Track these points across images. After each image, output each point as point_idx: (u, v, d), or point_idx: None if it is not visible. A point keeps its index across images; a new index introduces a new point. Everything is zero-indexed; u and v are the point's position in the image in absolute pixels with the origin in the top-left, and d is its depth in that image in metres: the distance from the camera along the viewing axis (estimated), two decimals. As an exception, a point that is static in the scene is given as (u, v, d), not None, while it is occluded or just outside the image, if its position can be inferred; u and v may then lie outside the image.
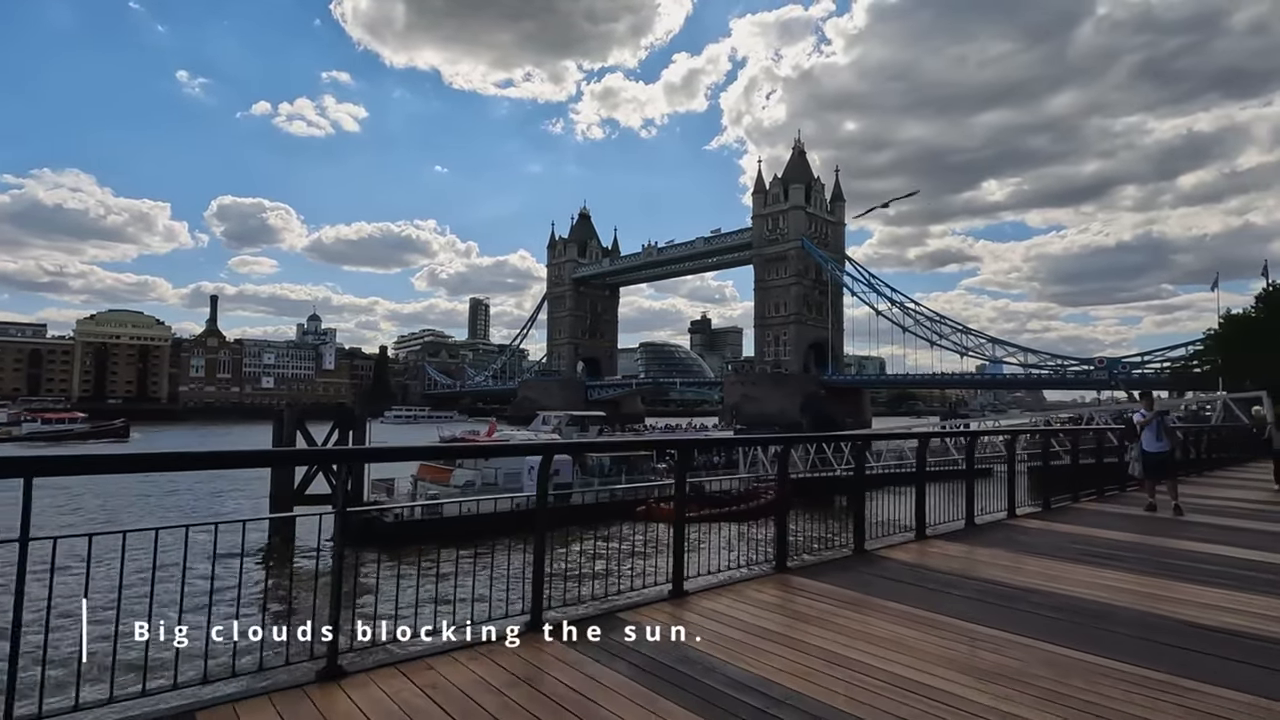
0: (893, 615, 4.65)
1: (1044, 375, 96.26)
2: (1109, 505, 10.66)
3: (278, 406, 31.63)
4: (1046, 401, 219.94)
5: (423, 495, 28.97)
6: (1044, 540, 7.52)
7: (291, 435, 26.55)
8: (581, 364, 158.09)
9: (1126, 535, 8.06)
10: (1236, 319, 50.07)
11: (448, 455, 29.94)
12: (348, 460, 28.84)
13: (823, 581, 5.45)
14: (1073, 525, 8.62)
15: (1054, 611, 4.87)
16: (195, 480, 42.92)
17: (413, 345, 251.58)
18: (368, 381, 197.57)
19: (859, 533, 6.66)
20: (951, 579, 5.68)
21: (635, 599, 4.83)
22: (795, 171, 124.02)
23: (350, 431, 27.75)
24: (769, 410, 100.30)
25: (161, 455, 3.68)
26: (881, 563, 6.27)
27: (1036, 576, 5.88)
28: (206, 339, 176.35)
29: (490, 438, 37.25)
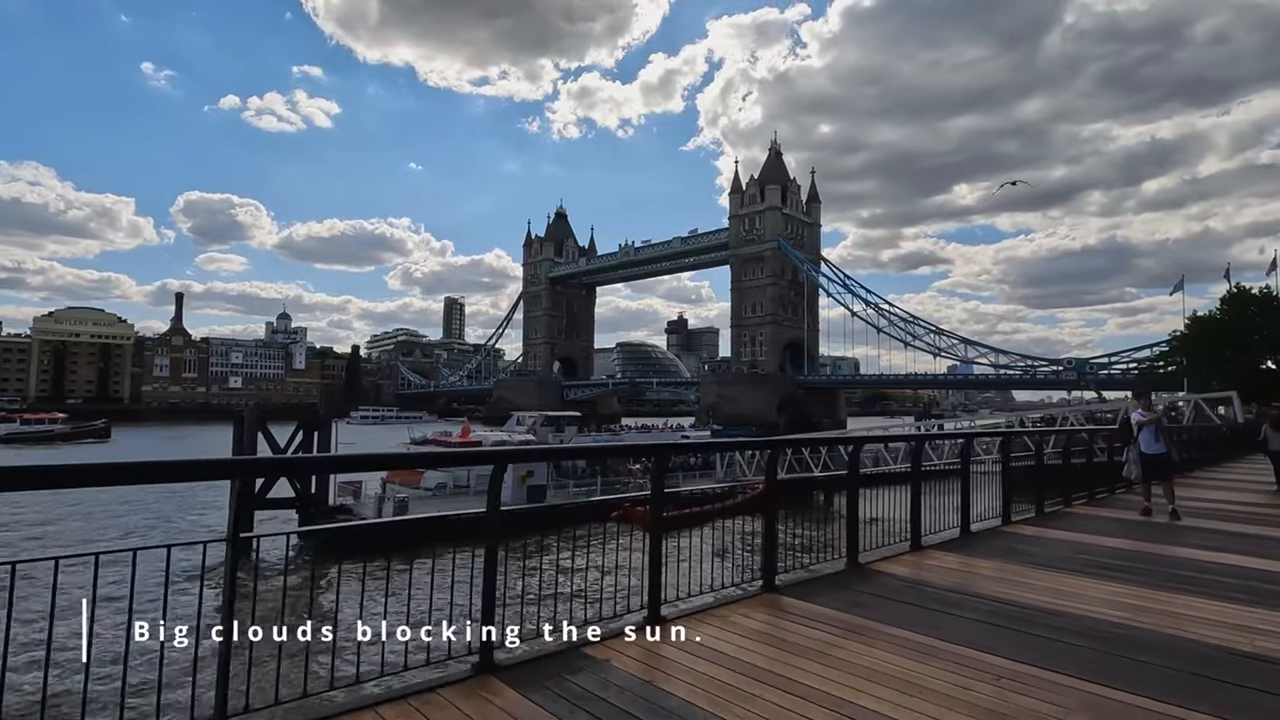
0: (899, 645, 4.08)
1: (1015, 376, 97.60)
2: (1103, 509, 10.28)
3: (237, 408, 30.48)
4: (1015, 401, 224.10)
5: (392, 498, 28.01)
6: (1045, 550, 7.05)
7: (252, 438, 25.46)
8: (558, 364, 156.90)
9: (1129, 543, 7.63)
10: (1202, 320, 50.90)
11: (422, 464, 28.64)
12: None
13: (817, 603, 4.88)
14: (1071, 532, 8.17)
15: (1074, 637, 4.35)
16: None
17: (386, 345, 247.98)
18: (340, 381, 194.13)
19: (853, 543, 6.11)
20: (957, 597, 5.14)
21: (605, 630, 4.20)
22: (772, 172, 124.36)
23: (315, 433, 26.70)
24: (745, 410, 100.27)
25: (134, 466, 2.95)
26: (878, 578, 5.71)
27: (1046, 593, 5.38)
28: (171, 338, 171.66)
29: (463, 439, 36.37)
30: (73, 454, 61.10)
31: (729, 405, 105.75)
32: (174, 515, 31.98)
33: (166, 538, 25.60)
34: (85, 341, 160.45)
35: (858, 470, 6.20)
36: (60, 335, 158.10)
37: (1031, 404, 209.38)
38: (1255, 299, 48.96)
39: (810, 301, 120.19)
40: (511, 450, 4.42)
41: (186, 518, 31.37)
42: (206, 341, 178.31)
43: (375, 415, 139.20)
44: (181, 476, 3.45)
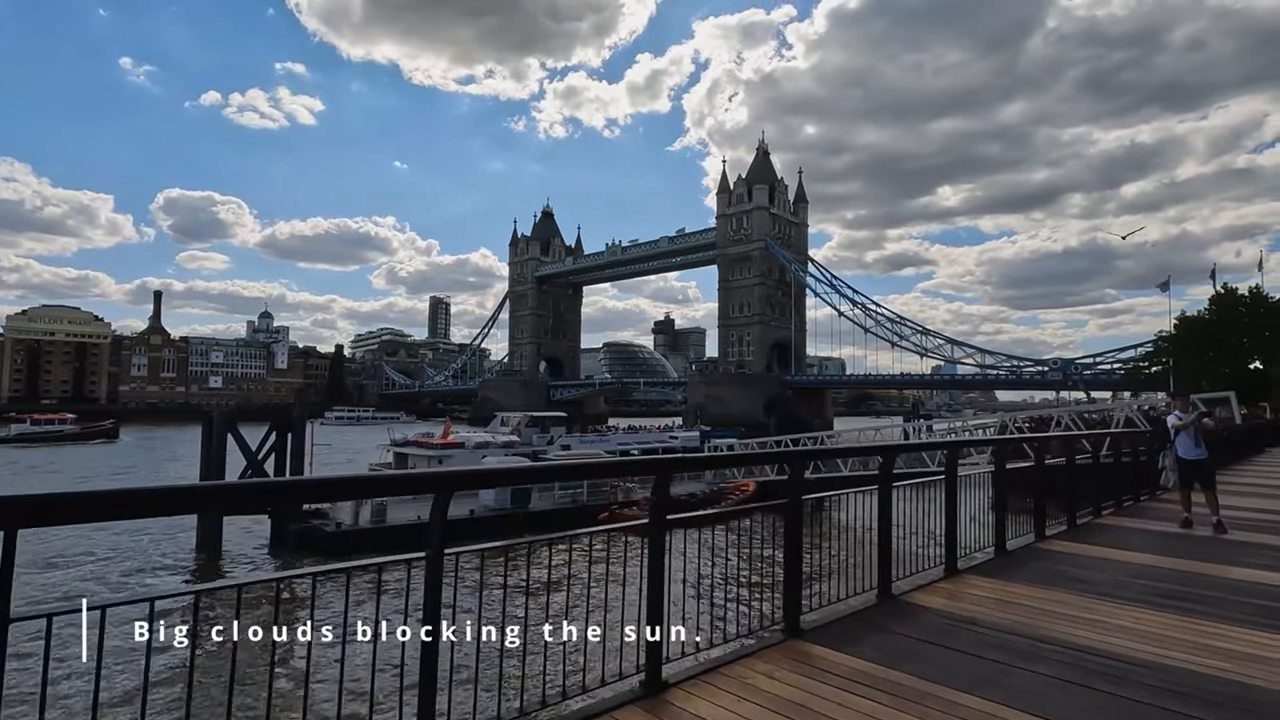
0: (968, 717, 3.19)
1: (1001, 376, 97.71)
2: (1138, 520, 9.40)
3: (207, 408, 29.17)
4: (999, 401, 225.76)
5: (371, 501, 26.83)
6: (1098, 574, 6.16)
7: (222, 439, 24.24)
8: (544, 364, 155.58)
9: (1186, 563, 6.74)
10: (1191, 320, 50.75)
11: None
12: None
13: (854, 653, 3.96)
14: (1115, 549, 7.28)
15: (1181, 701, 3.46)
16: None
17: (370, 344, 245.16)
18: (323, 381, 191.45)
19: (885, 571, 5.22)
20: (1023, 644, 4.24)
21: (589, 704, 3.27)
22: (759, 172, 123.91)
23: (289, 435, 25.51)
24: (733, 411, 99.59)
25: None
26: (919, 616, 4.80)
27: (1121, 634, 4.50)
28: (149, 336, 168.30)
29: (445, 440, 35.28)
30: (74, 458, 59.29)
31: (716, 405, 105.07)
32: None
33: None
34: (60, 340, 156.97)
35: (890, 484, 5.29)
36: (34, 334, 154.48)
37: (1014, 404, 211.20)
38: (1243, 299, 48.85)
39: (798, 301, 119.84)
40: (460, 473, 3.40)
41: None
42: (186, 341, 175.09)
43: (351, 416, 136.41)
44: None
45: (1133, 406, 36.62)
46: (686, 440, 45.14)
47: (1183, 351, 49.54)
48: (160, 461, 56.60)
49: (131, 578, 20.99)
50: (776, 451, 5.11)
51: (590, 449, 37.74)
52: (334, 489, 3.50)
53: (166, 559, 23.34)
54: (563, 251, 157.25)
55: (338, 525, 24.64)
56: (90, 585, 20.10)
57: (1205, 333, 48.46)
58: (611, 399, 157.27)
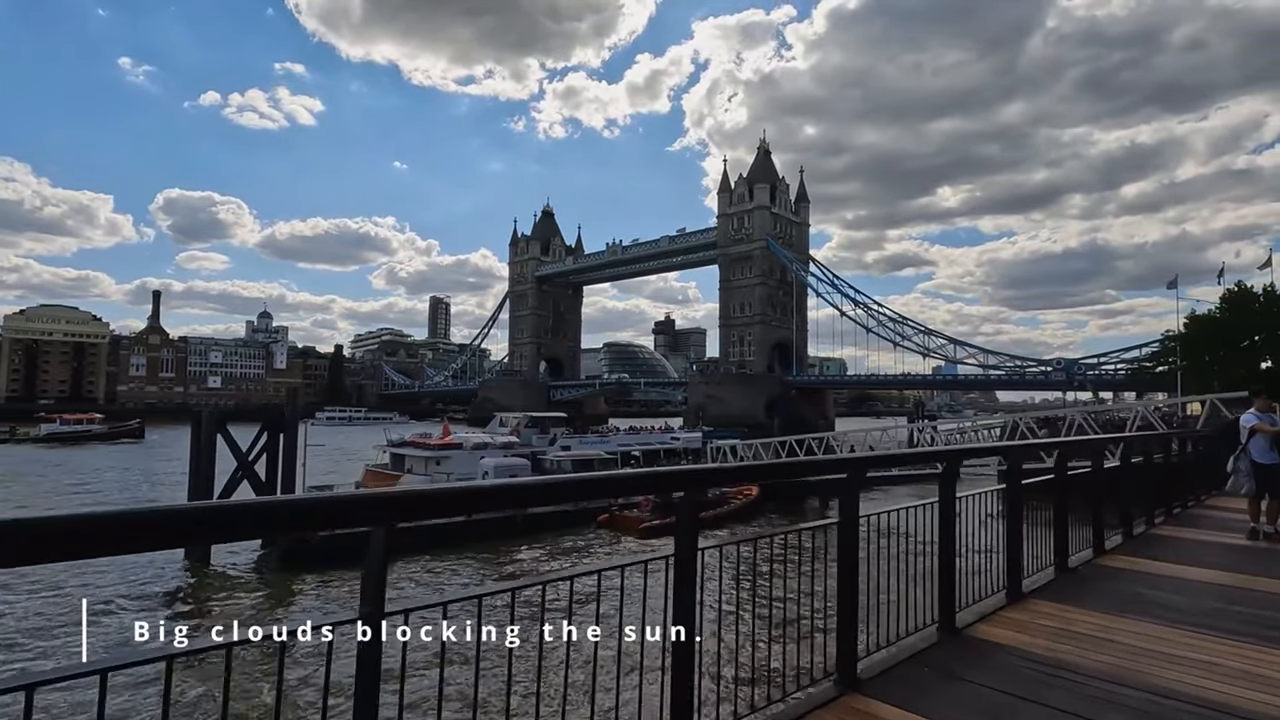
0: None
1: (1003, 376, 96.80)
2: (1197, 530, 8.55)
3: (197, 407, 28.08)
4: (1000, 402, 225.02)
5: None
6: (1179, 597, 5.35)
7: (210, 440, 23.44)
8: (544, 364, 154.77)
9: (1270, 582, 5.93)
10: (1201, 319, 49.90)
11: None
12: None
13: (920, 713, 3.16)
14: (1188, 566, 6.44)
15: None
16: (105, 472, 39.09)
17: (370, 344, 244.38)
18: (323, 381, 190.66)
19: (948, 601, 4.44)
20: (1131, 696, 3.43)
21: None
22: (760, 171, 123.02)
23: (280, 435, 24.71)
24: (734, 411, 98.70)
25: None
26: (992, 656, 3.99)
27: (1244, 680, 3.69)
28: (148, 336, 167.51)
29: (444, 440, 34.49)
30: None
31: (717, 405, 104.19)
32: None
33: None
34: (58, 340, 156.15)
35: (954, 494, 4.48)
36: (32, 334, 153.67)
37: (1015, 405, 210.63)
38: (1257, 297, 48.04)
39: (799, 301, 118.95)
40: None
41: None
42: (184, 340, 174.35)
43: (343, 416, 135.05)
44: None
45: (1149, 406, 35.84)
46: (688, 441, 44.32)
47: (1193, 350, 48.71)
48: (156, 461, 55.88)
49: (124, 586, 20.18)
50: (841, 458, 4.26)
51: (591, 450, 36.94)
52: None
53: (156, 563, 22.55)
54: (563, 251, 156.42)
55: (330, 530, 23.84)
56: (79, 589, 19.30)
57: (1216, 331, 47.64)
58: (612, 399, 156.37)
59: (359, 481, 32.83)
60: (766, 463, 4.75)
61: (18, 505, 31.93)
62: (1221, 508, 9.36)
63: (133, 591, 19.64)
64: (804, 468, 4.95)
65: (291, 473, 24.28)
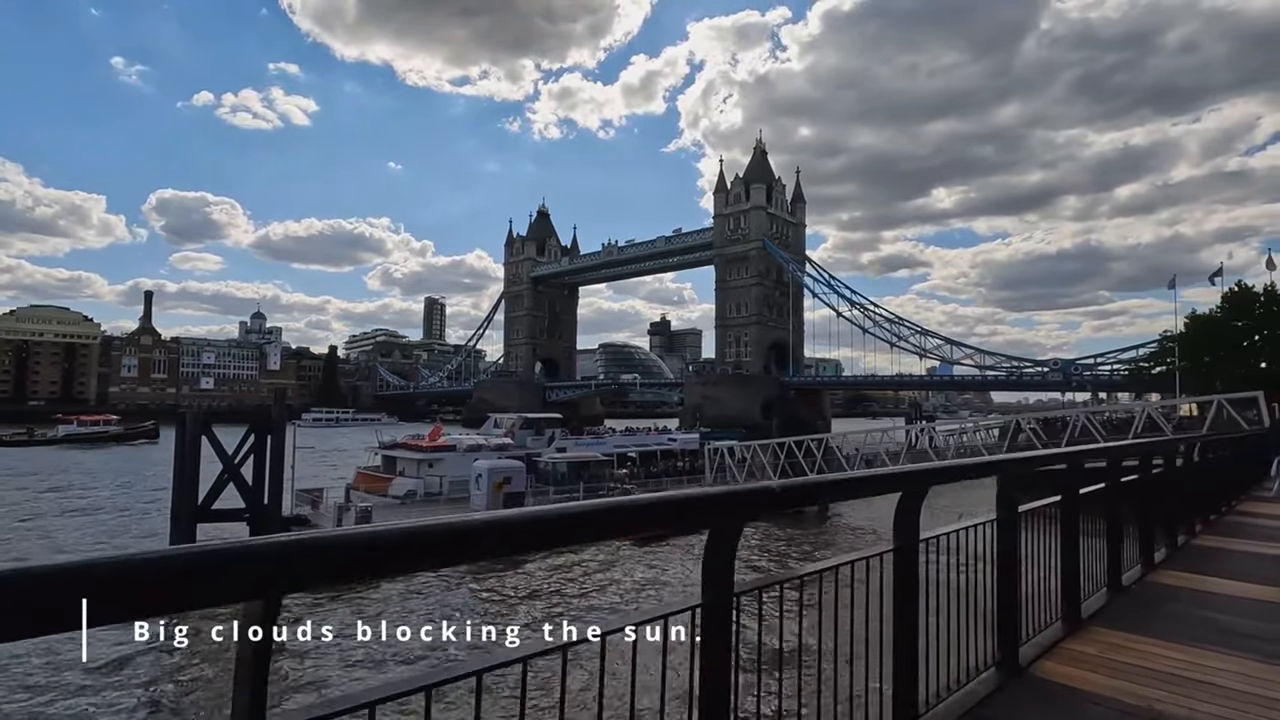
0: None
1: (1000, 377, 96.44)
2: (1242, 540, 7.86)
3: (182, 409, 27.19)
4: (994, 403, 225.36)
5: (355, 507, 25.39)
6: (1260, 623, 4.71)
7: (195, 443, 22.74)
8: (539, 365, 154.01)
9: None
10: (1202, 319, 49.51)
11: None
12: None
13: None
14: (1248, 583, 5.77)
15: None
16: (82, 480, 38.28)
17: (365, 345, 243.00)
18: (316, 382, 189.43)
19: (1009, 633, 3.77)
20: None
21: None
22: (756, 172, 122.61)
23: (268, 437, 24.03)
24: (730, 412, 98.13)
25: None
26: (1069, 704, 3.34)
27: None
28: (139, 337, 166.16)
29: (432, 441, 33.83)
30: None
31: (713, 406, 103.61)
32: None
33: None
34: (49, 341, 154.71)
35: (1017, 510, 3.83)
36: (22, 334, 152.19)
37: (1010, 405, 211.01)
38: (1258, 297, 47.71)
39: (795, 302, 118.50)
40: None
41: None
42: (177, 341, 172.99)
43: (329, 417, 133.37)
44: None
45: (1156, 407, 35.41)
46: (685, 442, 43.71)
47: (1193, 351, 48.29)
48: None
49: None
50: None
51: (587, 451, 36.30)
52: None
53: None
54: (558, 252, 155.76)
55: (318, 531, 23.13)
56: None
57: (1216, 332, 47.25)
58: (608, 400, 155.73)
59: (351, 484, 32.14)
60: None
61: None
62: (1259, 514, 8.78)
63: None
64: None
65: (279, 476, 23.60)
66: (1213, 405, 25.77)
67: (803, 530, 30.65)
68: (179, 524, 22.29)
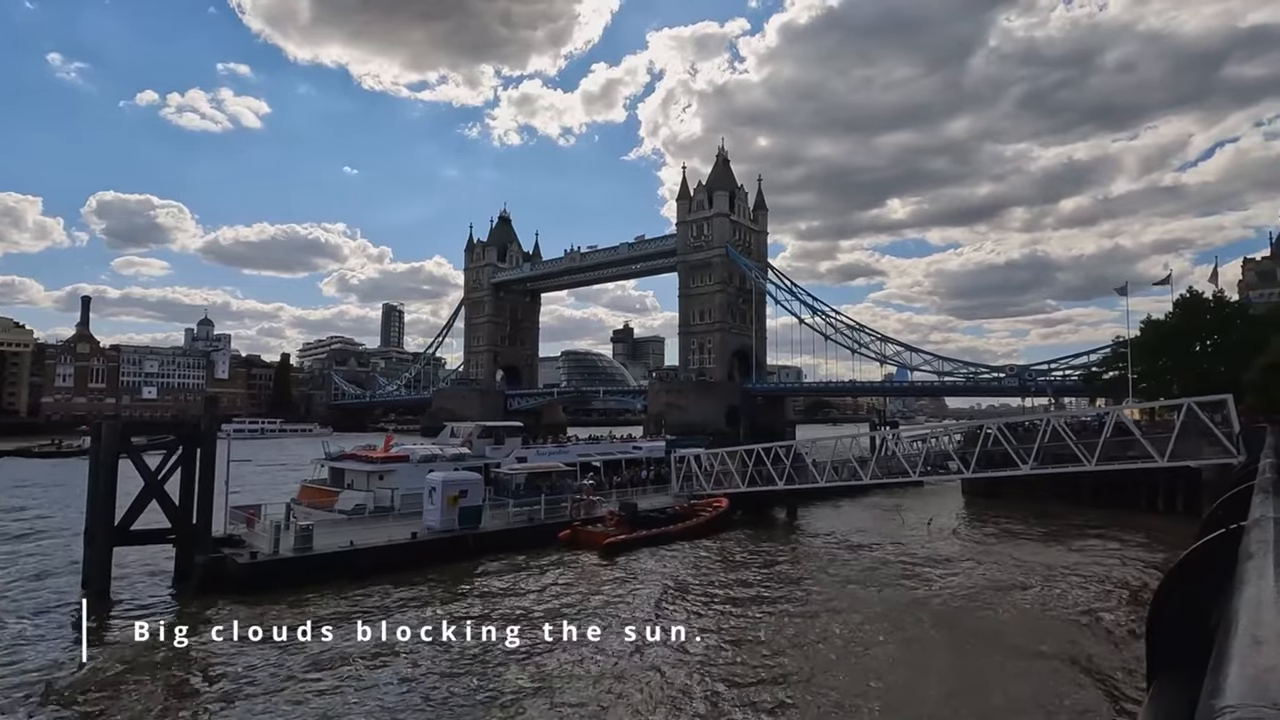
0: None
1: (958, 382, 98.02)
2: None
3: (94, 420, 24.69)
4: (949, 408, 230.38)
5: (295, 525, 23.39)
6: None
7: (111, 459, 20.60)
8: (501, 373, 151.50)
9: None
10: (1156, 324, 50.50)
11: None
12: None
13: None
14: None
15: None
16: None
17: (319, 353, 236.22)
18: (267, 391, 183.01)
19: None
20: None
21: None
22: (719, 179, 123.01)
23: (198, 451, 21.97)
24: (694, 419, 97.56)
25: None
26: None
27: None
28: (76, 345, 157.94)
29: (385, 452, 31.92)
30: None
31: (677, 413, 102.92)
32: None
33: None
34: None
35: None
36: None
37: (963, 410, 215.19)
38: (1208, 302, 48.92)
39: (758, 309, 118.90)
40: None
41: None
42: (117, 349, 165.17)
43: (254, 428, 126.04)
44: None
45: (1132, 411, 35.56)
46: (651, 450, 42.49)
47: (1148, 355, 49.14)
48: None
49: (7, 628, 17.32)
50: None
51: (548, 460, 34.79)
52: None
53: (49, 600, 19.64)
54: (520, 258, 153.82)
55: (253, 555, 21.20)
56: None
57: (1169, 336, 48.18)
58: (570, 408, 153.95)
59: (294, 500, 30.01)
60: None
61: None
62: None
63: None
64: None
65: (209, 492, 21.57)
66: (1182, 408, 25.61)
67: (771, 539, 29.65)
68: (94, 547, 20.12)
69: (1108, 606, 19.28)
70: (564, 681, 13.64)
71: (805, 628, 17.27)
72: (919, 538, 30.37)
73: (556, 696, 12.95)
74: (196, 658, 15.14)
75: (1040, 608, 19.33)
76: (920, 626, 17.43)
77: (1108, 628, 17.15)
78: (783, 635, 16.59)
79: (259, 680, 13.73)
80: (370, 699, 12.98)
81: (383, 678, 13.95)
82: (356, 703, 12.83)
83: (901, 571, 23.54)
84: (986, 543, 29.32)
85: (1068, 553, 26.62)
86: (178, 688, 13.62)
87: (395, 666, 14.55)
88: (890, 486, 38.13)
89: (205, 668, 14.62)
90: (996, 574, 23.13)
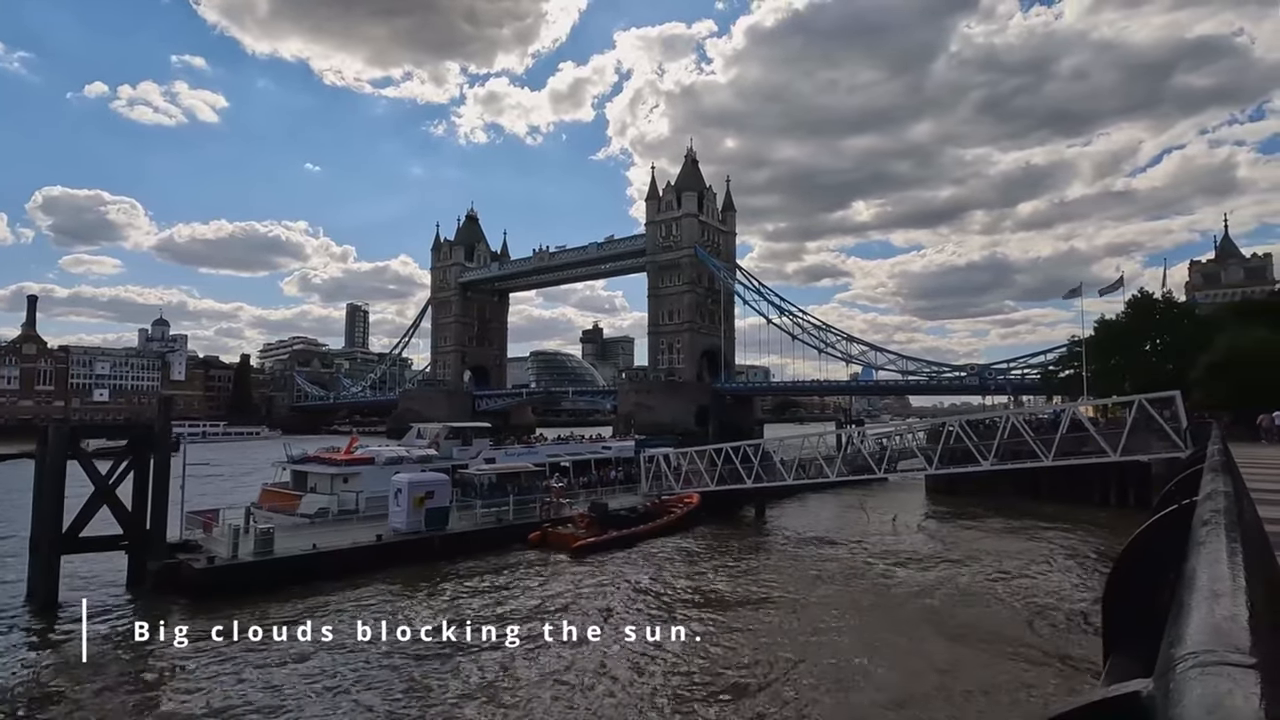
0: None
1: (922, 381, 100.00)
2: None
3: (40, 424, 23.76)
4: (912, 406, 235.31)
5: (258, 531, 22.78)
6: None
7: (59, 464, 19.83)
8: (469, 373, 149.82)
9: None
10: (1109, 324, 52.12)
11: None
12: None
13: None
14: None
15: None
16: None
17: (280, 354, 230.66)
18: (226, 393, 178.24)
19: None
20: None
21: None
22: (688, 179, 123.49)
23: (152, 457, 21.26)
24: (664, 419, 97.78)
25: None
26: None
27: None
28: (21, 345, 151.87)
29: (348, 454, 31.32)
30: None
31: (647, 414, 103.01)
32: None
33: None
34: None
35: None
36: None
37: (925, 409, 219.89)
38: (1159, 303, 50.69)
39: (727, 309, 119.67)
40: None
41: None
42: (66, 350, 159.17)
43: (194, 431, 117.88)
44: None
45: (1086, 408, 36.60)
46: (621, 450, 42.44)
47: (1101, 353, 50.67)
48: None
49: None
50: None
51: (517, 461, 34.50)
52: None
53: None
54: (488, 257, 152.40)
55: (210, 560, 20.59)
56: None
57: (1121, 336, 49.79)
58: (540, 409, 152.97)
59: (255, 503, 29.24)
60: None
61: None
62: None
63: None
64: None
65: (163, 497, 20.90)
66: (1133, 405, 26.45)
67: (740, 537, 29.83)
68: (38, 555, 19.32)
69: (1064, 592, 19.86)
70: (524, 685, 13.51)
71: (773, 625, 17.41)
72: (884, 533, 30.86)
73: (521, 696, 12.82)
74: (143, 665, 14.64)
75: (1002, 597, 19.81)
76: (886, 620, 17.71)
77: (1066, 615, 17.66)
78: (750, 633, 16.69)
79: (207, 687, 13.32)
80: (324, 703, 12.69)
81: (339, 681, 13.66)
82: (312, 702, 12.53)
83: (866, 567, 23.91)
84: (950, 537, 29.91)
85: (1027, 544, 27.33)
86: (122, 698, 13.14)
87: (353, 666, 14.29)
88: (856, 483, 38.72)
89: (157, 673, 14.17)
90: (960, 567, 23.63)
